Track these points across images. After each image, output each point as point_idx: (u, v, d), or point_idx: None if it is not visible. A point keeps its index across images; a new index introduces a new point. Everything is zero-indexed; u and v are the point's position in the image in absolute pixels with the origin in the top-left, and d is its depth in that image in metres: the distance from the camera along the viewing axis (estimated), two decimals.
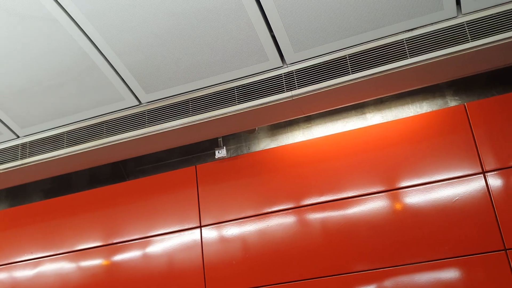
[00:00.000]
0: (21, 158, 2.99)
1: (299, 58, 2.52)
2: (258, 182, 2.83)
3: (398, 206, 2.54)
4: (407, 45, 2.38)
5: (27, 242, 3.21)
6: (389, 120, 2.83)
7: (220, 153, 3.01)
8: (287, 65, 2.57)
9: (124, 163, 3.42)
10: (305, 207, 2.70)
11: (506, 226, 2.32)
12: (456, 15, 2.32)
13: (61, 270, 3.07)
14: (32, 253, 3.18)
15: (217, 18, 2.33)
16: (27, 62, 2.54)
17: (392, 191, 2.56)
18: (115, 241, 3.01)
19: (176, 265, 2.85)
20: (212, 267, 2.76)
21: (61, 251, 3.11)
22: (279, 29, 2.38)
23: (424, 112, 2.80)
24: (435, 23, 2.35)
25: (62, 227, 3.16)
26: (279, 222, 2.72)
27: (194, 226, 2.88)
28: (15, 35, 2.40)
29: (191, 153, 3.29)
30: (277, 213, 2.74)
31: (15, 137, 3.02)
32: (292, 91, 2.53)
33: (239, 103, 2.62)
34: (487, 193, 2.40)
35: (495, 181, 2.41)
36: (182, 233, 2.90)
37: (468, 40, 2.29)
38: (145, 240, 2.96)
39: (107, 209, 3.11)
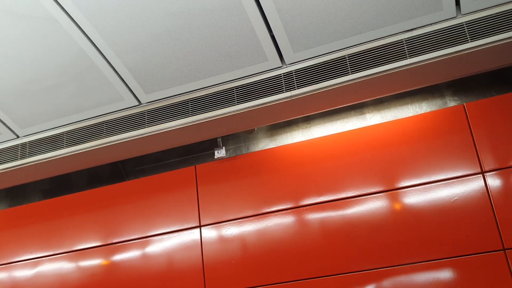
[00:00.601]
0: (21, 158, 2.99)
1: (299, 58, 2.53)
2: (257, 182, 2.83)
3: (397, 206, 2.54)
4: (406, 45, 2.38)
5: (26, 242, 3.21)
6: (389, 120, 2.83)
7: (220, 153, 3.01)
8: (286, 65, 2.57)
9: (123, 163, 3.42)
10: (304, 207, 2.70)
11: (504, 226, 2.33)
12: (455, 16, 2.33)
13: (61, 270, 3.08)
14: (31, 253, 3.18)
15: (216, 18, 2.33)
16: (27, 62, 2.54)
17: (391, 191, 2.56)
18: (114, 241, 3.01)
19: (175, 264, 2.85)
20: (211, 266, 2.76)
21: (60, 251, 3.12)
22: (278, 29, 2.38)
23: (423, 112, 2.80)
24: (435, 23, 2.35)
25: (61, 227, 3.17)
26: (278, 222, 2.72)
27: (193, 226, 2.89)
28: (15, 35, 2.40)
29: (191, 153, 3.29)
30: (276, 213, 2.74)
31: (15, 137, 3.02)
32: (291, 91, 2.54)
33: (239, 103, 2.63)
34: (486, 193, 2.40)
35: (494, 181, 2.41)
36: (181, 232, 2.90)
37: (468, 40, 2.29)
38: (145, 240, 2.96)
39: (106, 209, 3.11)
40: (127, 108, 2.82)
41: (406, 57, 2.37)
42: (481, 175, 2.44)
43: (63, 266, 3.08)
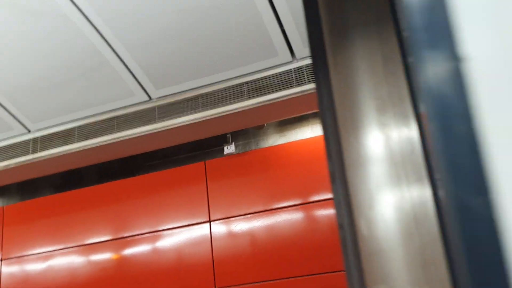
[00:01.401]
0: (32, 153, 3.01)
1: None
2: (266, 178, 2.84)
3: None
4: None
5: (37, 236, 3.24)
6: None
7: (229, 149, 3.02)
8: (297, 60, 2.57)
9: (134, 158, 3.44)
10: (314, 203, 2.70)
11: None
12: None
13: (71, 263, 3.10)
14: (42, 246, 3.21)
15: (226, 13, 2.33)
16: (38, 57, 2.56)
17: None
18: (125, 235, 3.03)
19: (185, 259, 2.86)
20: (221, 261, 2.77)
21: (71, 245, 3.14)
22: (289, 23, 2.38)
23: None
24: None
25: (72, 221, 3.19)
26: (288, 218, 2.72)
27: (203, 220, 2.90)
28: (26, 31, 2.42)
29: (200, 148, 3.30)
30: (285, 209, 2.75)
31: (27, 131, 3.05)
32: (302, 86, 2.53)
33: (248, 98, 2.63)
34: None
35: None
36: (191, 227, 2.91)
37: None
38: (155, 234, 2.97)
39: (117, 203, 3.13)
40: (137, 104, 2.83)
41: None
42: None
43: (74, 259, 3.11)
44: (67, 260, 3.12)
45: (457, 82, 0.54)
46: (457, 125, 0.54)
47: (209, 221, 2.88)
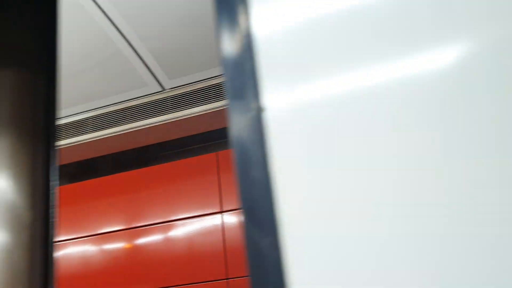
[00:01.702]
0: None
1: None
2: None
3: None
4: None
5: None
6: None
7: None
8: None
9: (147, 148, 3.45)
10: None
11: None
12: None
13: (84, 253, 3.13)
14: (56, 236, 3.24)
15: None
16: None
17: None
18: (137, 225, 3.05)
19: (197, 249, 2.87)
20: (233, 251, 2.78)
21: (84, 234, 3.17)
22: None
23: None
24: None
25: (85, 211, 3.22)
26: None
27: (215, 211, 2.90)
28: None
29: (213, 139, 3.30)
30: None
31: None
32: None
33: None
34: None
35: None
36: (203, 218, 2.92)
37: None
38: (167, 224, 2.99)
39: (130, 193, 3.14)
40: (150, 94, 2.84)
41: None
42: None
43: (87, 249, 3.13)
44: (80, 250, 3.15)
45: (256, 130, 0.59)
46: (253, 170, 0.59)
47: (221, 212, 2.88)
